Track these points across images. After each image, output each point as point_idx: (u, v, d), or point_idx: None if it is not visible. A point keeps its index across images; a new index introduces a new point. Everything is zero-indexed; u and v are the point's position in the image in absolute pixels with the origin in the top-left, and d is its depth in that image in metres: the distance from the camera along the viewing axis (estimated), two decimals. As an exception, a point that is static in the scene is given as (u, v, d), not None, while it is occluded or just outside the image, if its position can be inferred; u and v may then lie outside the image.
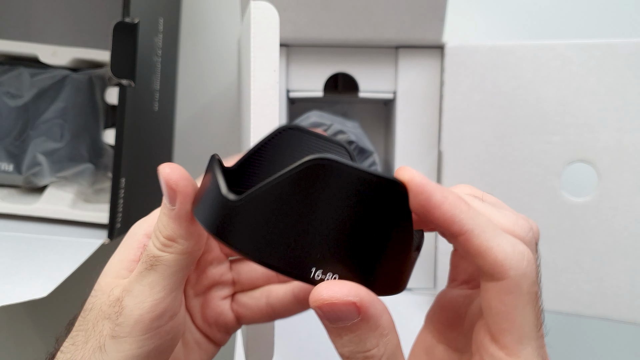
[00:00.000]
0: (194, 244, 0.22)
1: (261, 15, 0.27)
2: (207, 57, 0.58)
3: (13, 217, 0.47)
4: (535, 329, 0.18)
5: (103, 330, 0.22)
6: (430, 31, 0.44)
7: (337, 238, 0.17)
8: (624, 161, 0.41)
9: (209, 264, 0.27)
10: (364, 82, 0.47)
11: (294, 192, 0.18)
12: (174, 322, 0.23)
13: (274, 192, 0.18)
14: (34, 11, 0.54)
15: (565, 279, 0.42)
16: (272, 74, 0.27)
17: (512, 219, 0.19)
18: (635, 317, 0.41)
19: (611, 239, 0.41)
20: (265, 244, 0.18)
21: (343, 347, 0.18)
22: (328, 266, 0.17)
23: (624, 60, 0.40)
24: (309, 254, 0.17)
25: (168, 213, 0.21)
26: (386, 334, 0.18)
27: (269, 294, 0.27)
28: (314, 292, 0.17)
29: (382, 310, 0.17)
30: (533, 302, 0.18)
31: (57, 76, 0.48)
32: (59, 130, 0.48)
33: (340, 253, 0.18)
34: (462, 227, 0.18)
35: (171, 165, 0.21)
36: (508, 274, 0.17)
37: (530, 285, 0.18)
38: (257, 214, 0.18)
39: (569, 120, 0.42)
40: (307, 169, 0.18)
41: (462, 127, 0.45)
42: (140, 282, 0.22)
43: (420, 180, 0.18)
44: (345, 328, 0.17)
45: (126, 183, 0.42)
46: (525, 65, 0.43)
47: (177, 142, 0.57)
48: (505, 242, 0.18)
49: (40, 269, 0.37)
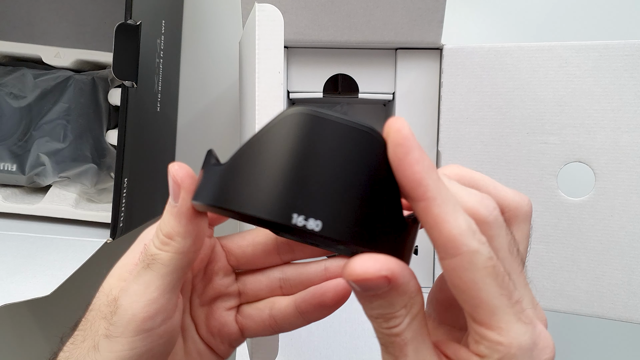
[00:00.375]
0: (190, 244, 0.22)
1: (266, 18, 0.28)
2: (209, 59, 0.58)
3: (16, 216, 0.47)
4: (504, 298, 0.18)
5: (99, 329, 0.22)
6: (428, 33, 0.44)
7: (317, 185, 0.18)
8: (621, 161, 0.41)
9: (215, 274, 0.27)
10: (364, 83, 0.47)
11: (273, 143, 0.18)
12: (167, 326, 0.23)
13: (255, 147, 0.19)
14: (37, 13, 0.55)
15: (562, 278, 0.43)
16: (277, 76, 0.27)
17: (477, 198, 0.20)
18: (632, 315, 0.41)
19: (608, 238, 0.41)
20: (248, 196, 0.18)
21: (372, 310, 0.19)
22: (309, 212, 0.18)
23: (620, 62, 0.41)
24: (290, 200, 0.18)
25: (170, 210, 0.22)
26: (413, 297, 0.19)
27: (272, 306, 0.27)
28: (347, 268, 0.18)
29: (410, 277, 0.18)
30: (492, 275, 0.18)
31: (60, 77, 0.48)
32: (62, 131, 0.48)
33: (320, 199, 0.18)
34: (426, 192, 0.18)
35: (180, 163, 0.22)
36: (460, 250, 0.18)
37: (484, 260, 0.18)
38: (241, 171, 0.19)
39: (566, 121, 0.42)
40: (283, 120, 0.18)
41: (460, 127, 0.45)
42: (137, 281, 0.22)
43: (405, 133, 0.18)
44: (376, 295, 0.18)
45: (129, 183, 0.42)
46: (523, 67, 0.43)
47: (179, 143, 0.57)
48: (462, 219, 0.18)
49: (43, 268, 0.37)
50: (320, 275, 0.26)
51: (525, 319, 0.19)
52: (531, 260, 0.43)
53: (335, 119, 0.18)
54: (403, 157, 0.18)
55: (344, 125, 0.18)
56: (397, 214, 0.19)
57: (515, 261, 0.20)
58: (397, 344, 0.19)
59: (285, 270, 0.27)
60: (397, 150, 0.18)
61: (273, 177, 0.18)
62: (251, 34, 0.30)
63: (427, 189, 0.18)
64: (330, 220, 0.18)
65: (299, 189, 0.18)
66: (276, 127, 0.19)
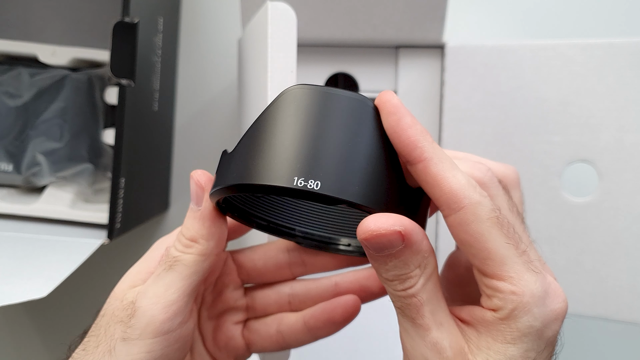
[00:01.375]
0: (213, 246, 0.23)
1: (279, 16, 0.27)
2: (207, 57, 0.58)
3: (12, 217, 0.47)
4: (511, 247, 0.18)
5: (114, 333, 0.22)
6: (430, 31, 0.44)
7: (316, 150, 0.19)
8: (625, 161, 0.40)
9: (225, 287, 0.27)
10: (364, 81, 0.47)
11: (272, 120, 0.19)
12: (182, 331, 0.23)
13: (256, 127, 0.20)
14: (33, 11, 0.54)
15: (566, 280, 0.42)
16: (290, 75, 0.27)
17: (470, 164, 0.21)
18: (637, 317, 0.40)
19: (612, 239, 0.41)
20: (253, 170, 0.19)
21: (387, 272, 0.19)
22: (309, 174, 0.18)
23: (625, 60, 0.40)
24: (292, 166, 0.19)
25: (193, 215, 0.23)
26: (427, 256, 0.19)
27: (281, 321, 0.27)
28: (361, 226, 0.18)
29: (422, 236, 0.19)
30: (497, 225, 0.18)
31: (57, 76, 0.48)
32: (59, 130, 0.48)
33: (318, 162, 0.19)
34: (422, 153, 0.19)
35: (202, 170, 0.23)
36: (463, 203, 0.18)
37: (488, 211, 0.18)
38: (248, 149, 0.20)
39: (570, 120, 0.42)
40: (280, 97, 0.19)
41: (462, 127, 0.45)
42: (157, 283, 0.23)
43: (396, 102, 0.19)
44: (390, 255, 0.18)
45: (126, 183, 0.42)
46: (526, 65, 0.42)
47: (176, 142, 0.57)
48: (459, 174, 0.19)
49: (39, 269, 0.37)
50: (330, 291, 0.27)
51: (534, 269, 0.19)
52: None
53: (328, 90, 0.19)
54: (396, 124, 0.19)
55: (338, 95, 0.19)
56: (399, 177, 0.20)
57: (517, 219, 0.21)
58: (414, 305, 0.19)
59: (295, 286, 0.27)
60: (390, 119, 0.19)
61: (275, 149, 0.19)
62: (261, 32, 0.29)
63: (423, 150, 0.19)
64: (330, 180, 0.18)
65: (299, 155, 0.19)
66: (271, 107, 0.20)
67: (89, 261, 0.38)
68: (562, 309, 0.20)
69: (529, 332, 0.18)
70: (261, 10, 0.30)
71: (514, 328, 0.18)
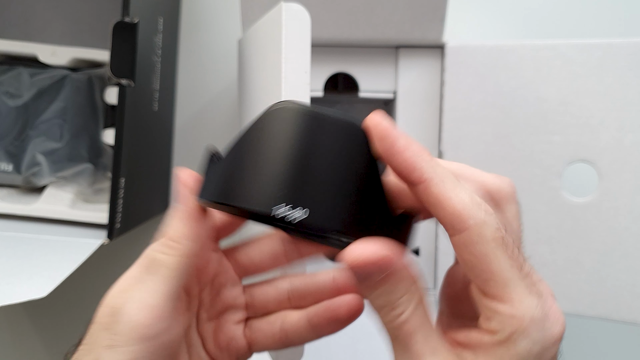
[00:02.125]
0: (196, 247, 0.23)
1: (293, 17, 0.27)
2: (207, 57, 0.58)
3: (12, 217, 0.47)
4: (515, 269, 0.18)
5: (101, 341, 0.22)
6: (430, 31, 0.44)
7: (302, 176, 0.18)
8: (625, 161, 0.40)
9: (222, 286, 0.27)
10: (364, 82, 0.47)
11: (259, 137, 0.19)
12: (168, 336, 0.23)
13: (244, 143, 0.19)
14: (33, 11, 0.54)
15: (566, 279, 0.42)
16: (304, 75, 0.27)
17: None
18: (636, 317, 0.40)
19: (612, 239, 0.41)
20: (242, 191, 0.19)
21: (376, 299, 0.19)
22: (295, 201, 0.18)
23: (624, 60, 0.40)
24: (277, 192, 0.18)
25: (177, 214, 0.23)
26: (414, 283, 0.19)
27: (284, 319, 0.27)
28: (344, 254, 0.18)
29: (407, 263, 0.19)
30: (502, 246, 0.18)
31: (57, 76, 0.48)
32: (59, 130, 0.48)
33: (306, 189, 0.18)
34: (422, 174, 0.18)
35: (187, 169, 0.23)
36: (468, 224, 0.18)
37: (493, 231, 0.18)
38: (236, 166, 0.19)
39: (570, 120, 0.42)
40: (269, 114, 0.19)
41: (462, 126, 0.45)
42: (140, 288, 0.22)
43: (386, 125, 0.19)
44: (377, 283, 0.18)
45: (126, 183, 0.42)
46: (526, 65, 0.42)
47: (176, 142, 0.57)
48: (463, 193, 0.18)
49: (39, 269, 0.37)
50: (329, 285, 0.26)
51: (536, 292, 0.19)
52: (535, 261, 0.43)
53: (317, 111, 0.19)
54: (390, 148, 0.18)
55: (326, 118, 0.19)
56: (383, 204, 0.20)
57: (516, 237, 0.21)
58: (406, 332, 0.19)
59: (294, 281, 0.27)
60: (383, 144, 0.19)
61: (260, 171, 0.19)
62: (273, 33, 0.29)
63: (422, 171, 0.18)
64: (316, 209, 0.18)
65: (284, 181, 0.18)
66: (259, 123, 0.19)
67: (89, 261, 0.38)
68: (561, 332, 0.19)
69: (527, 357, 0.18)
70: (273, 11, 0.29)
71: (512, 352, 0.18)
